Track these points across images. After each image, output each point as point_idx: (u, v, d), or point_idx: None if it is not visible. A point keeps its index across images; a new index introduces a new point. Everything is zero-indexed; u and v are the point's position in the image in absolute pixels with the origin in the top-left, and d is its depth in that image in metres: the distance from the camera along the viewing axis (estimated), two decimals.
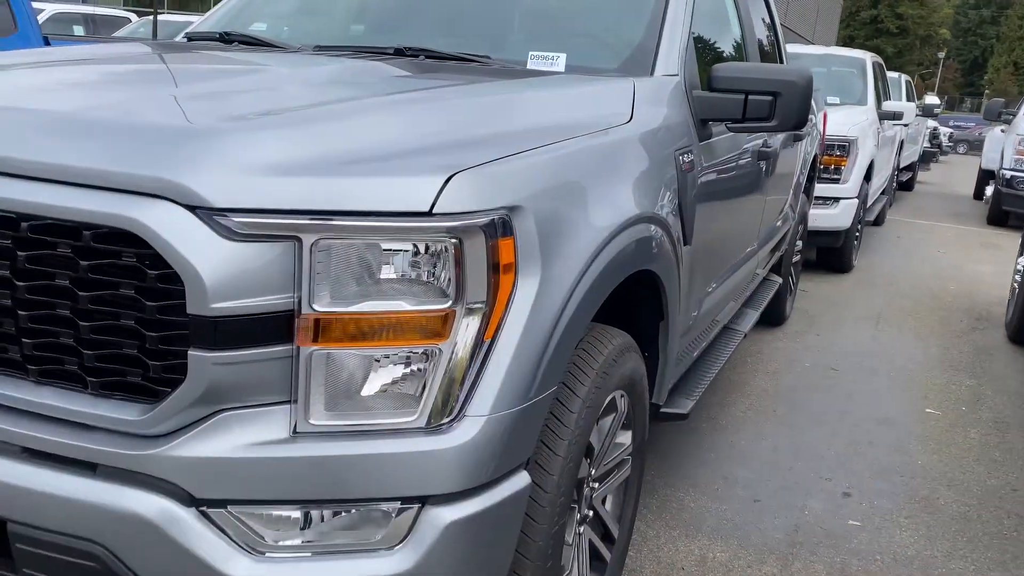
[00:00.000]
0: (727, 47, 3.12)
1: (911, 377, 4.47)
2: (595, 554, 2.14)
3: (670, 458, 3.24)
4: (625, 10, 2.61)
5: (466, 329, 1.43)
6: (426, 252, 1.39)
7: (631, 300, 2.23)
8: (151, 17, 15.19)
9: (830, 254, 6.99)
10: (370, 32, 2.77)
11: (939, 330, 5.48)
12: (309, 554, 1.42)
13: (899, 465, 3.37)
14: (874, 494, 3.10)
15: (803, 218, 5.20)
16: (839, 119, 6.78)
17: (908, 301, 6.23)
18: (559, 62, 2.34)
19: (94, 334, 1.38)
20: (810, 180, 5.43)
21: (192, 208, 1.30)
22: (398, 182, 1.38)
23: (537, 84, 2.09)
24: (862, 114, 7.21)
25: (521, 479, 1.56)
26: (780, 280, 4.61)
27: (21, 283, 1.39)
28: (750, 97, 2.39)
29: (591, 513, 2.07)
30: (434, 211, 1.37)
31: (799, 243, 5.38)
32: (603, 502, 2.19)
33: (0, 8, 6.63)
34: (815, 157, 5.19)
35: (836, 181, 6.67)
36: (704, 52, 2.78)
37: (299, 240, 1.33)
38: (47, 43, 6.84)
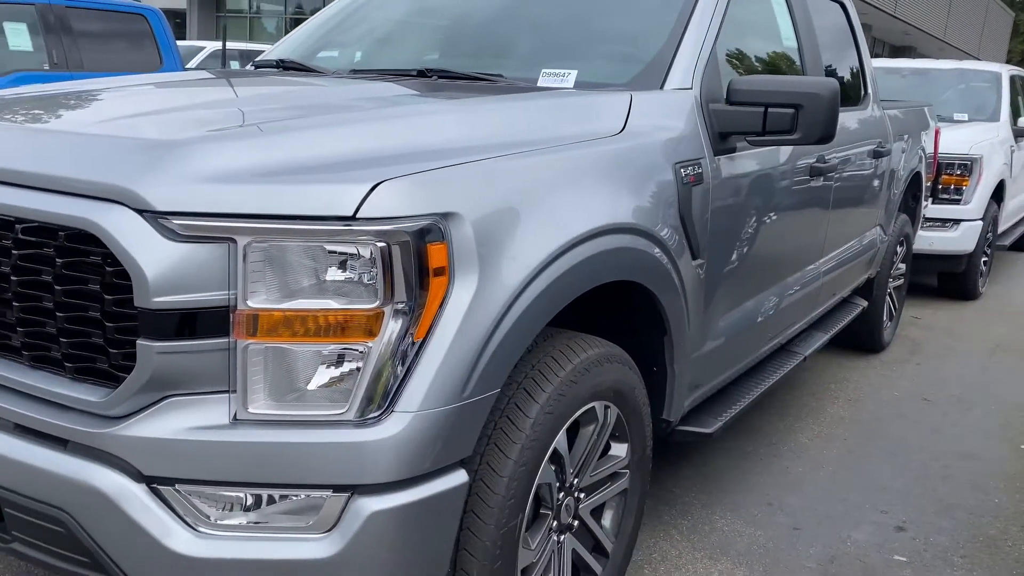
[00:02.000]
0: (770, 61, 3.05)
1: (1013, 414, 4.13)
2: (583, 566, 2.14)
3: (714, 480, 3.16)
4: (644, 27, 2.63)
5: (395, 329, 1.51)
6: (354, 255, 1.48)
7: (631, 313, 2.24)
8: None
9: (951, 280, 6.54)
10: (401, 57, 2.91)
11: None
12: (247, 534, 1.53)
13: (971, 502, 3.13)
14: (932, 530, 2.90)
15: (903, 239, 4.92)
16: (962, 137, 6.37)
17: None
18: (569, 79, 2.39)
19: (68, 324, 1.56)
20: (915, 199, 5.15)
21: (140, 211, 1.45)
22: (325, 189, 1.48)
23: (525, 99, 2.15)
24: (991, 131, 6.73)
25: (457, 476, 1.61)
26: (865, 303, 4.38)
27: (16, 278, 1.59)
28: (770, 110, 2.35)
29: (576, 523, 2.08)
30: (358, 216, 1.46)
31: (901, 266, 5.10)
32: (598, 514, 2.19)
33: (149, 47, 7.36)
34: (917, 176, 4.91)
35: (957, 202, 6.25)
36: (736, 66, 2.74)
37: (233, 241, 1.45)
38: None
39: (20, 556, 1.68)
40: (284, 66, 2.91)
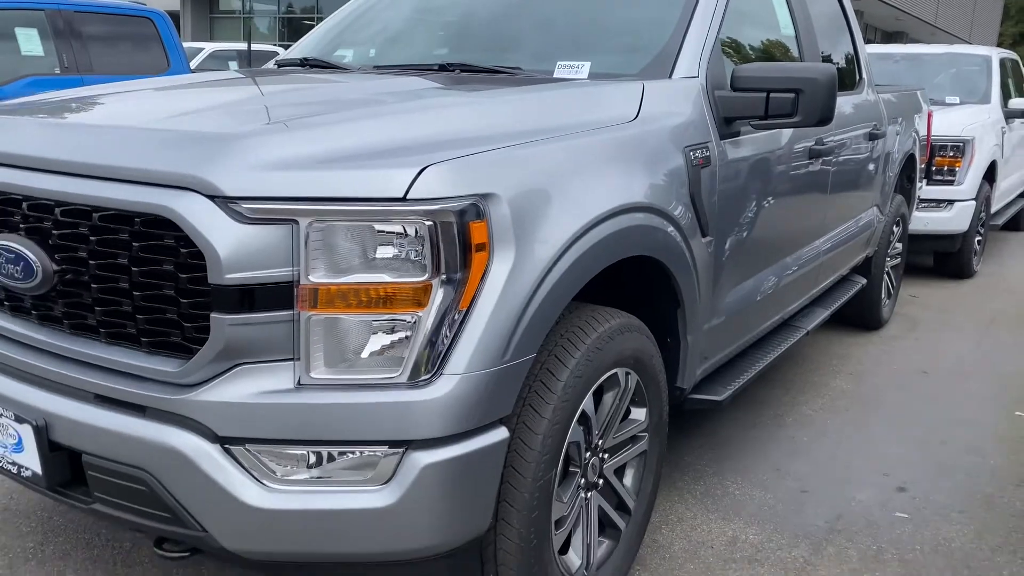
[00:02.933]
0: (768, 48, 3.21)
1: (1009, 381, 4.30)
2: (609, 521, 2.31)
3: (726, 448, 3.33)
4: (651, 19, 2.78)
5: (442, 300, 1.67)
6: (405, 232, 1.64)
7: (648, 288, 2.40)
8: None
9: (947, 259, 6.72)
10: (421, 52, 3.06)
11: None
12: (311, 488, 1.69)
13: (968, 464, 3.30)
14: (931, 490, 3.08)
15: (899, 220, 5.09)
16: (954, 119, 6.54)
17: None
18: (583, 70, 2.54)
19: (143, 302, 1.71)
20: (910, 180, 5.32)
21: (211, 197, 1.61)
22: (377, 173, 1.64)
23: (546, 90, 2.31)
24: (982, 113, 6.89)
25: (498, 433, 1.77)
26: (863, 281, 4.55)
27: (93, 262, 1.75)
28: (772, 95, 2.51)
29: (601, 482, 2.24)
30: (408, 197, 1.62)
31: (898, 245, 5.26)
32: (620, 473, 2.35)
33: (156, 49, 7.49)
34: (911, 157, 5.08)
35: (950, 183, 6.42)
36: (737, 54, 2.89)
37: (296, 222, 1.61)
38: None
39: (100, 516, 1.84)
40: (308, 64, 3.07)
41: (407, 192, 1.62)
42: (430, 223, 1.64)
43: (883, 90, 4.74)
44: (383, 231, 1.63)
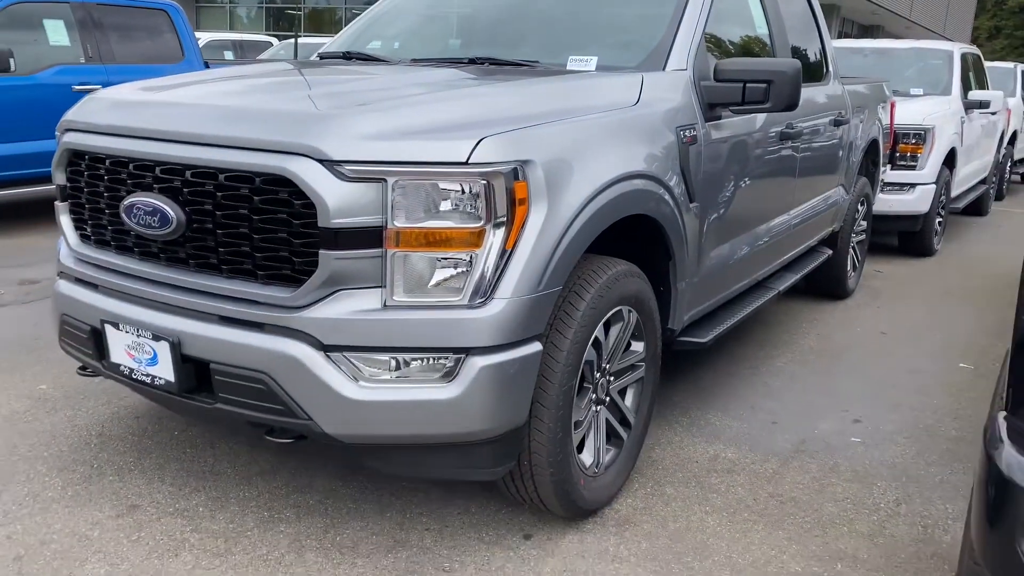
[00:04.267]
0: (747, 45, 3.74)
1: (956, 340, 4.88)
2: (613, 432, 2.83)
3: (708, 391, 3.87)
4: (645, 21, 3.30)
5: (493, 241, 2.18)
6: (466, 189, 2.15)
7: (648, 245, 2.92)
8: (290, 41, 16.76)
9: (910, 238, 7.30)
10: (449, 48, 3.56)
11: (1002, 305, 5.77)
12: (394, 384, 2.20)
13: (915, 403, 3.86)
14: (882, 421, 3.63)
15: (864, 199, 5.65)
16: (916, 109, 7.10)
17: (982, 281, 6.49)
18: (591, 63, 3.05)
19: (261, 243, 2.21)
20: (874, 164, 5.87)
21: (321, 161, 2.11)
22: (446, 143, 2.15)
23: (565, 79, 2.82)
24: (943, 104, 7.47)
25: (534, 346, 2.29)
26: (829, 252, 5.10)
27: (219, 212, 2.25)
28: (747, 85, 3.04)
29: (607, 399, 2.77)
30: (469, 161, 2.13)
31: (863, 223, 5.83)
32: (623, 395, 2.88)
33: (171, 40, 7.91)
34: (875, 143, 5.63)
35: (912, 168, 6.99)
36: (719, 50, 3.42)
37: (384, 180, 2.12)
38: (207, 67, 8.07)
39: (219, 413, 2.33)
40: (351, 57, 3.56)
41: (468, 157, 2.13)
42: (485, 182, 2.15)
43: (849, 82, 5.28)
44: (449, 187, 2.14)
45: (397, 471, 2.49)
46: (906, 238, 7.37)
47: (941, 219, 7.56)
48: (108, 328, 2.45)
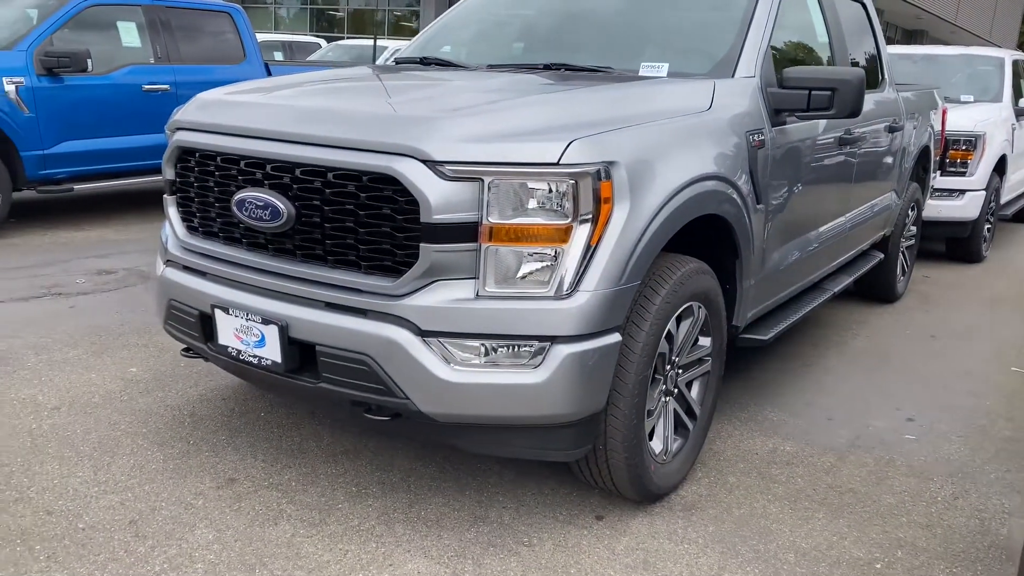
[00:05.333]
0: (809, 53, 3.86)
1: (1008, 345, 4.94)
2: (680, 423, 2.98)
3: (764, 387, 3.99)
4: (716, 30, 3.44)
5: (579, 237, 2.34)
6: (556, 188, 2.31)
7: (717, 244, 3.06)
8: (338, 43, 17.10)
9: (958, 245, 7.33)
10: (523, 54, 3.73)
11: None
12: (485, 368, 2.37)
13: (968, 404, 3.95)
14: (935, 420, 3.73)
15: (914, 205, 5.72)
16: (967, 115, 7.14)
17: None
18: (663, 69, 3.20)
19: (366, 236, 2.40)
20: (924, 171, 5.94)
21: (424, 161, 2.29)
22: (539, 145, 2.31)
23: (641, 85, 2.97)
24: (994, 111, 7.49)
25: (614, 337, 2.45)
26: (882, 255, 5.19)
27: (327, 207, 2.44)
28: (813, 92, 3.17)
29: (676, 390, 2.92)
30: (560, 162, 2.29)
31: (913, 228, 5.89)
32: (689, 387, 3.02)
33: (233, 41, 8.19)
34: (926, 149, 5.70)
35: (962, 174, 7.03)
36: (786, 58, 3.55)
37: (481, 180, 2.29)
38: (267, 69, 8.34)
39: (321, 392, 2.52)
40: (427, 62, 3.74)
41: (559, 159, 2.29)
42: (573, 181, 2.31)
43: (902, 88, 5.37)
44: (540, 186, 2.31)
45: (480, 449, 2.66)
46: (954, 244, 7.40)
47: (990, 226, 7.58)
48: (218, 313, 2.65)
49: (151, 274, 5.51)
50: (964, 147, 7.04)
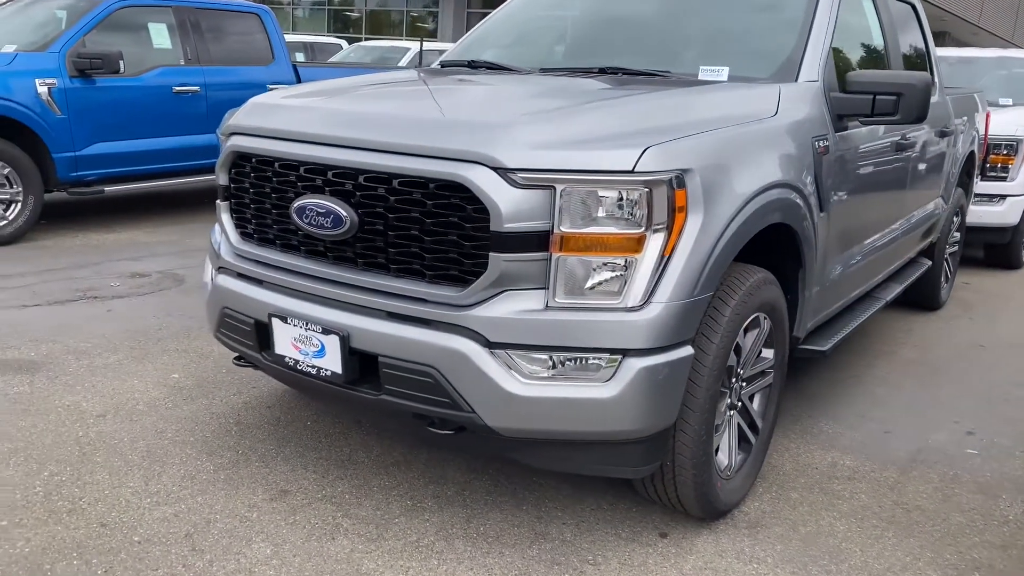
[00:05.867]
0: (866, 55, 3.77)
1: None
2: (743, 437, 2.90)
3: (816, 399, 3.90)
4: (776, 32, 3.35)
5: (652, 247, 2.26)
6: (630, 196, 2.23)
7: (779, 253, 2.98)
8: (359, 44, 17.08)
9: (996, 251, 7.20)
10: (574, 57, 3.66)
11: None
12: (554, 382, 2.29)
13: None
14: (996, 435, 3.63)
15: (959, 210, 5.61)
16: (1008, 119, 7.00)
17: None
18: (723, 73, 3.12)
19: (432, 245, 2.33)
20: (968, 176, 5.82)
21: (495, 168, 2.21)
22: (613, 152, 2.24)
23: (707, 90, 2.89)
24: None
25: (686, 350, 2.37)
26: (929, 263, 5.08)
27: (391, 215, 2.37)
28: (877, 97, 3.08)
29: (740, 404, 2.83)
30: (635, 170, 2.22)
31: (956, 234, 5.78)
32: (752, 400, 2.94)
33: (262, 42, 8.16)
34: (971, 154, 5.59)
35: (1003, 179, 6.90)
36: (844, 61, 3.46)
37: (554, 188, 2.22)
38: (296, 71, 8.30)
39: (382, 404, 2.45)
40: (474, 65, 3.67)
41: (634, 166, 2.22)
42: (648, 189, 2.23)
43: (948, 92, 5.25)
44: (614, 194, 2.23)
45: (545, 464, 2.59)
46: (992, 250, 7.27)
47: None
48: (275, 321, 2.59)
49: (185, 278, 5.47)
50: (1005, 151, 6.91)
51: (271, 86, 7.99)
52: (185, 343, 4.21)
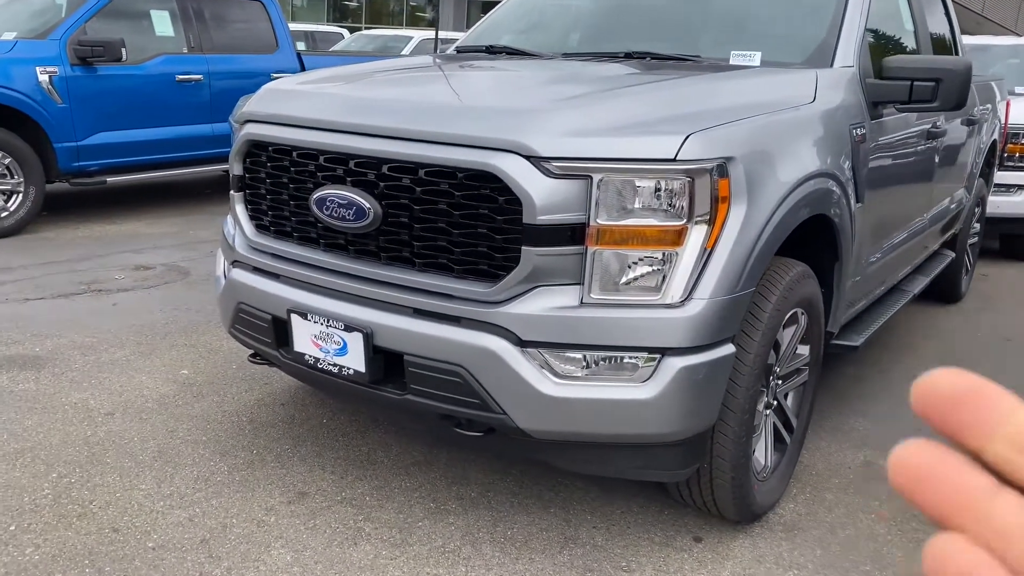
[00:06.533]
0: (899, 41, 3.64)
1: None
2: (778, 436, 2.79)
3: (844, 394, 3.80)
4: (809, 16, 3.23)
5: (694, 240, 2.15)
6: (671, 186, 2.12)
7: (815, 245, 2.87)
8: (361, 32, 16.90)
9: (1014, 241, 7.08)
10: (597, 42, 3.53)
11: None
12: (589, 382, 2.18)
13: None
14: None
15: (980, 201, 5.49)
16: None
17: None
18: (755, 58, 3.00)
19: (461, 238, 2.21)
20: (988, 166, 5.70)
21: (528, 157, 2.10)
22: (654, 139, 2.12)
23: (743, 75, 2.77)
24: None
25: (727, 348, 2.26)
26: (953, 255, 4.97)
27: (417, 207, 2.25)
28: (915, 83, 2.95)
29: (775, 403, 2.72)
30: (676, 158, 2.10)
31: (976, 225, 5.66)
32: (786, 398, 2.83)
33: (266, 30, 8.02)
34: (994, 143, 5.47)
35: (1021, 169, 6.78)
36: (877, 46, 3.33)
37: (590, 177, 2.10)
38: (300, 59, 8.16)
39: (407, 404, 2.34)
40: (493, 51, 3.54)
41: (676, 154, 2.10)
42: (690, 179, 2.12)
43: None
44: (655, 184, 2.12)
45: (578, 468, 2.48)
46: (1009, 241, 7.15)
47: None
48: (294, 318, 2.47)
49: (191, 271, 5.36)
50: (1023, 140, 6.78)
51: (275, 75, 7.87)
52: (193, 338, 4.10)
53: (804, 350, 2.82)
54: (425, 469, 2.93)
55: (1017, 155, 6.83)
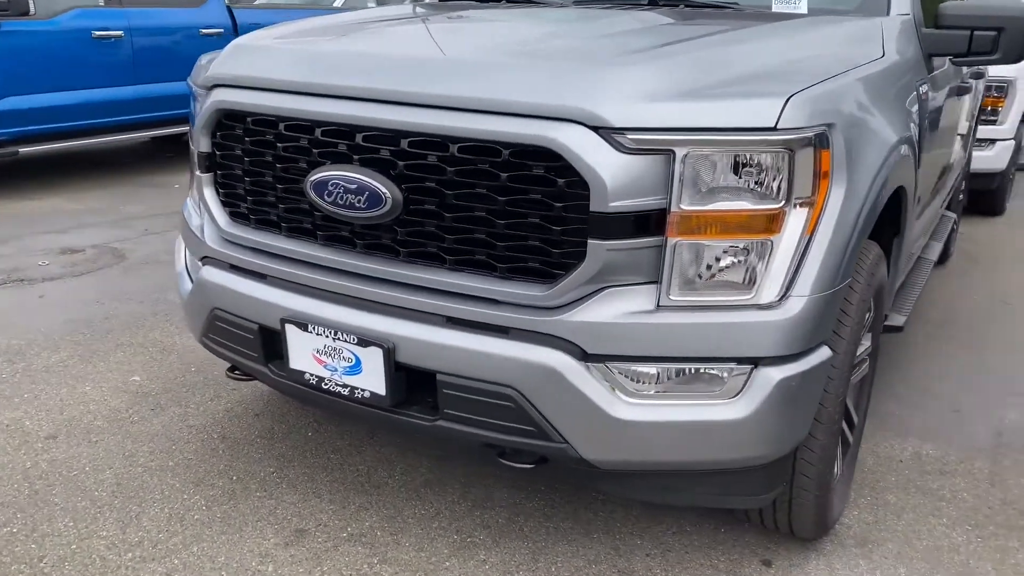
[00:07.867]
0: None
1: None
2: (843, 438, 2.47)
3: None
4: None
5: (793, 226, 1.77)
6: (769, 161, 1.73)
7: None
8: None
9: (982, 197, 6.97)
10: None
11: None
12: (669, 402, 1.80)
13: None
14: None
15: (970, 158, 5.29)
16: None
17: None
18: (802, 5, 2.61)
19: (506, 230, 1.78)
20: (974, 119, 5.50)
21: (595, 128, 1.67)
22: (750, 103, 1.72)
23: (806, 25, 2.37)
24: None
25: (824, 352, 1.90)
26: (955, 216, 4.75)
27: (448, 192, 1.81)
28: (975, 33, 2.61)
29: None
30: (777, 127, 1.70)
31: (963, 182, 5.47)
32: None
33: None
34: (984, 97, 5.25)
35: (993, 123, 6.63)
36: None
37: (672, 152, 1.69)
38: (231, 12, 7.44)
39: (440, 432, 1.92)
40: None
41: (777, 122, 1.71)
42: (791, 151, 1.73)
43: None
44: (751, 160, 1.72)
45: (644, 496, 2.12)
46: (978, 196, 7.03)
47: (1012, 176, 7.24)
48: (290, 329, 2.01)
49: (126, 253, 4.76)
50: (996, 93, 6.62)
51: (204, 30, 7.16)
52: (140, 335, 3.56)
53: (867, 340, 2.49)
54: (439, 490, 2.53)
55: (988, 108, 6.68)
